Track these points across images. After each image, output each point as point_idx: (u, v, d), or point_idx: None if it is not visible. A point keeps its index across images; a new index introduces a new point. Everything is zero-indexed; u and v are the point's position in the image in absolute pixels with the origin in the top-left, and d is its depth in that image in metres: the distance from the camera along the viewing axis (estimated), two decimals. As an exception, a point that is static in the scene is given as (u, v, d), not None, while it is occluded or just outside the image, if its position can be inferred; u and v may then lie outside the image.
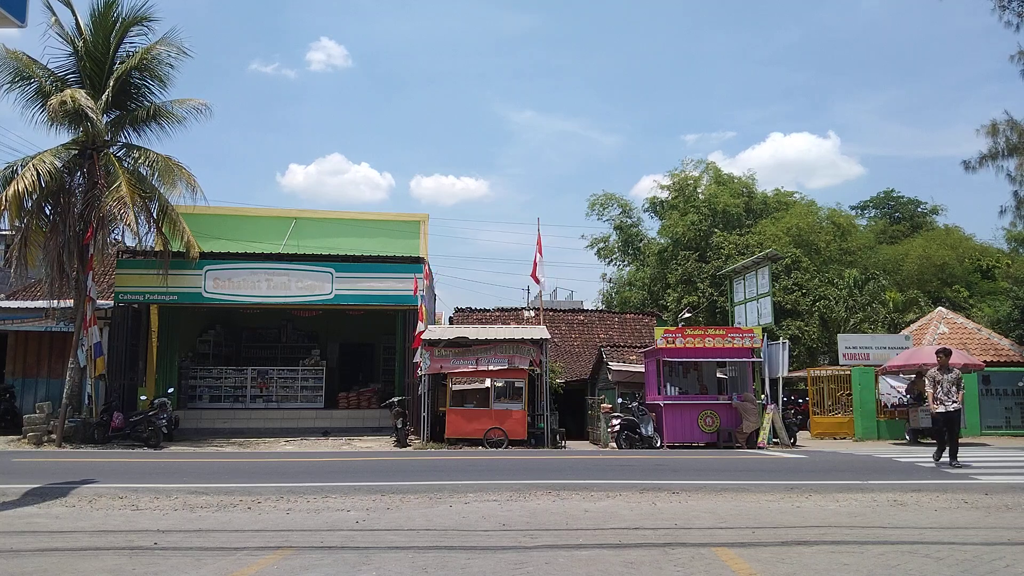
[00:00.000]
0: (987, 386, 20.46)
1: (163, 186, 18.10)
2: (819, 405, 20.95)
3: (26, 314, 20.71)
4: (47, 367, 19.92)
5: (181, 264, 18.92)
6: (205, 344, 23.82)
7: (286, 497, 8.49)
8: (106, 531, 6.63)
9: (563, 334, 29.08)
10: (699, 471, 10.91)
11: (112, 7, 17.88)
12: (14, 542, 6.03)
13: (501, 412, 17.44)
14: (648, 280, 38.64)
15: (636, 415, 17.35)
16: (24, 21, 7.55)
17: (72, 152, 17.94)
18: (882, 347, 20.78)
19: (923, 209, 46.55)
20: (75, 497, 8.44)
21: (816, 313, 31.44)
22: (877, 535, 6.44)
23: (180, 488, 8.97)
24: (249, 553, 5.66)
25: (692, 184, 39.15)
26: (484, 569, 5.06)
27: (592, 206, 41.85)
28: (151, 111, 18.53)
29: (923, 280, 36.41)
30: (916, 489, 9.09)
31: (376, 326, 23.83)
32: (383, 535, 6.46)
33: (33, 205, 17.29)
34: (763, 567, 5.06)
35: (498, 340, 18.08)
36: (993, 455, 14.25)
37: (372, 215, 24.99)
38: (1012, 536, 6.32)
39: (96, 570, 5.08)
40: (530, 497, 8.55)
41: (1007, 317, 25.06)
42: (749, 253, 29.98)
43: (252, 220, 23.31)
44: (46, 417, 16.76)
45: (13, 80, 17.62)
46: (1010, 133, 21.79)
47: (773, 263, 22.93)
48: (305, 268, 19.79)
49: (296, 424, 20.96)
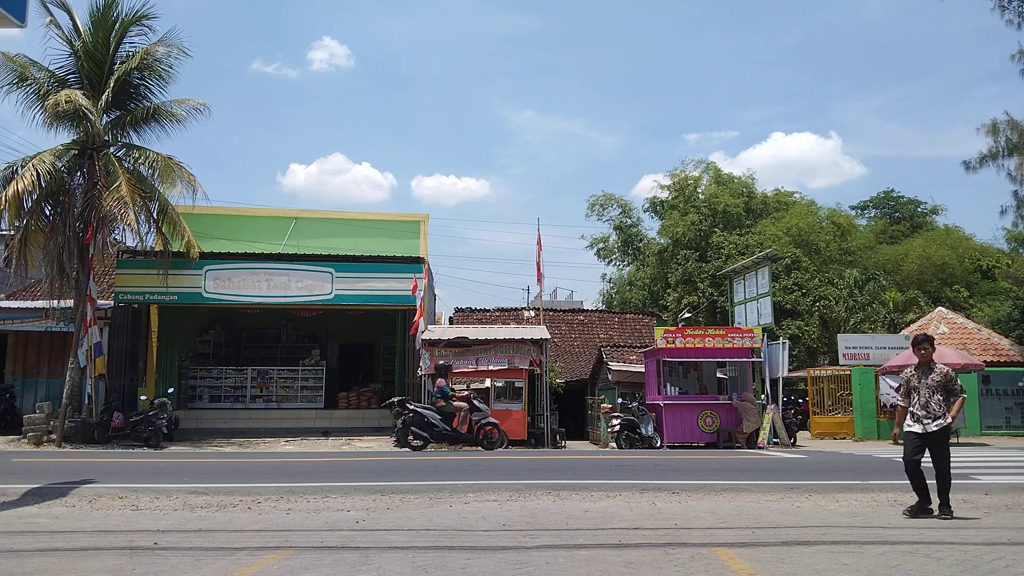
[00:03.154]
0: (987, 386, 20.47)
1: (163, 186, 18.09)
2: (819, 405, 20.96)
3: (26, 314, 20.71)
4: (47, 367, 19.90)
5: (181, 264, 18.91)
6: (205, 344, 23.81)
7: (286, 497, 8.49)
8: (106, 531, 6.63)
9: (563, 334, 29.08)
10: (699, 471, 10.90)
11: (111, 7, 17.85)
12: (14, 542, 6.03)
13: (501, 412, 17.43)
14: (648, 280, 38.67)
15: (636, 415, 17.36)
16: (24, 21, 7.55)
17: (72, 152, 17.93)
18: (882, 347, 20.80)
19: (923, 209, 46.58)
20: (75, 497, 8.43)
21: (816, 313, 31.45)
22: (877, 535, 6.44)
23: (180, 488, 8.96)
24: (249, 553, 5.65)
25: (692, 184, 39.19)
26: (484, 569, 5.06)
27: (592, 207, 41.92)
28: (151, 111, 18.51)
29: (923, 280, 36.41)
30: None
31: (376, 326, 23.83)
32: (383, 535, 6.46)
33: (33, 205, 17.30)
34: (763, 567, 5.06)
35: (498, 340, 18.10)
36: (993, 455, 14.26)
37: (372, 215, 25.00)
38: (1012, 536, 6.31)
39: (96, 570, 5.08)
40: (530, 497, 8.54)
41: (1007, 317, 25.09)
42: (749, 253, 29.99)
43: (252, 220, 23.30)
44: (46, 417, 16.75)
45: (12, 82, 17.61)
46: (1010, 133, 21.82)
47: (773, 263, 22.94)
48: (305, 268, 19.78)
49: (296, 424, 20.96)
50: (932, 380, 7.45)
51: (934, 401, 7.40)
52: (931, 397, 7.41)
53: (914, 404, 7.53)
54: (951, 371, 7.50)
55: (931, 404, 7.41)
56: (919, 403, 7.49)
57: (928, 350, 7.57)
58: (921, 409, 7.46)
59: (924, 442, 7.40)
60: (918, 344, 7.59)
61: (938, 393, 7.40)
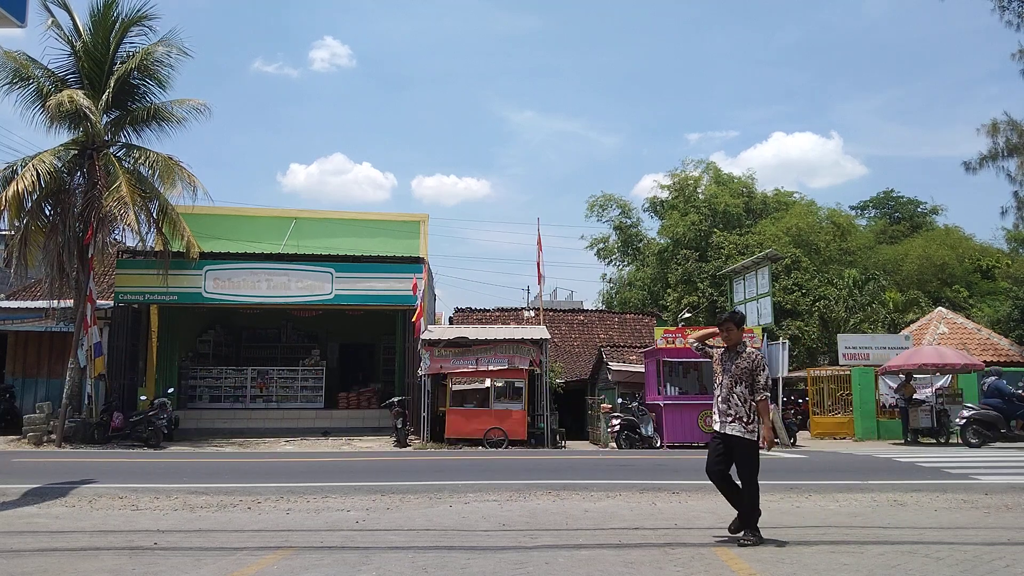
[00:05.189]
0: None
1: (163, 186, 18.10)
2: (819, 405, 20.95)
3: (26, 314, 20.72)
4: (47, 367, 19.90)
5: (181, 264, 18.92)
6: (205, 344, 23.83)
7: (286, 497, 8.49)
8: (106, 531, 6.63)
9: (563, 334, 29.07)
10: (699, 471, 10.79)
11: (112, 7, 17.87)
12: (14, 542, 6.03)
13: (501, 412, 17.45)
14: (648, 280, 38.66)
15: (636, 415, 17.35)
16: (24, 21, 7.56)
17: (72, 152, 17.94)
18: (882, 347, 20.77)
19: (923, 209, 46.56)
20: (75, 497, 8.44)
21: (816, 313, 31.44)
22: (877, 535, 6.44)
23: (180, 488, 8.97)
24: (249, 553, 5.65)
25: (692, 184, 39.19)
26: (484, 569, 5.06)
27: (591, 207, 41.89)
28: (151, 111, 18.52)
29: (923, 280, 36.40)
30: (916, 489, 9.09)
31: (376, 326, 23.83)
32: (383, 535, 6.46)
33: (33, 205, 17.31)
34: (763, 567, 5.06)
35: (498, 340, 18.09)
36: (993, 455, 14.25)
37: (372, 215, 25.01)
38: (1012, 536, 6.31)
39: (96, 570, 5.08)
40: (530, 497, 8.55)
41: (1007, 317, 25.07)
42: (749, 253, 29.99)
43: (252, 220, 23.31)
44: (46, 417, 16.76)
45: (12, 81, 17.61)
46: (1010, 133, 21.84)
47: (773, 263, 22.94)
48: (305, 268, 19.79)
49: (296, 424, 20.97)
50: (737, 367, 6.01)
51: (736, 394, 5.97)
52: (733, 388, 5.98)
53: (718, 398, 6.14)
54: (761, 358, 6.08)
55: (733, 398, 5.98)
56: (720, 395, 6.10)
57: (733, 331, 6.12)
58: (722, 403, 6.06)
59: (726, 446, 5.99)
60: (722, 324, 6.22)
61: (742, 384, 5.97)
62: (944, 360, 17.53)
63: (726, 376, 6.06)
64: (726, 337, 6.16)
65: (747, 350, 6.06)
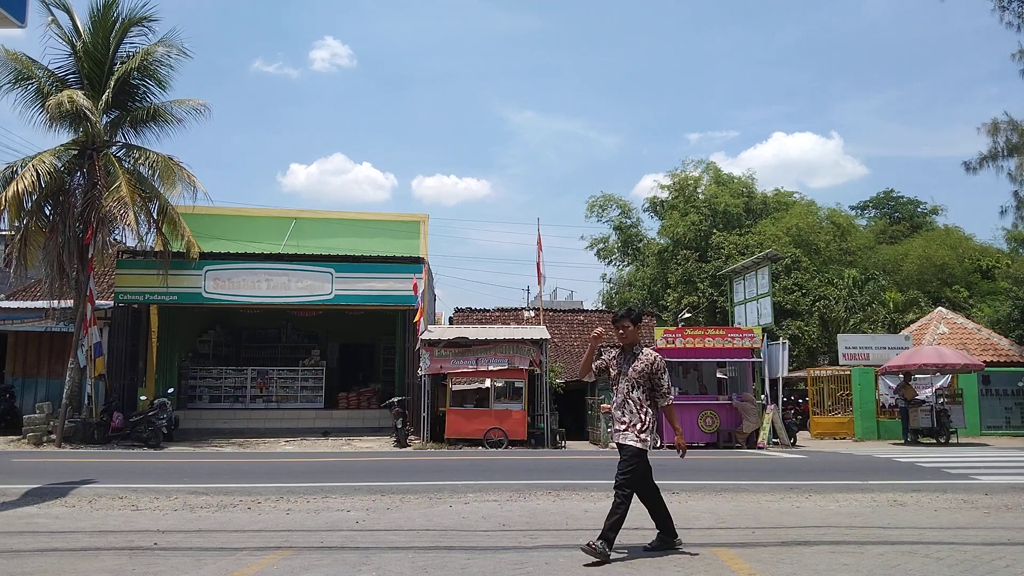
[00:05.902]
0: (987, 386, 20.47)
1: (163, 186, 18.09)
2: (819, 405, 20.96)
3: (26, 314, 20.71)
4: (47, 367, 19.90)
5: (181, 264, 18.91)
6: (205, 344, 23.82)
7: (286, 497, 8.49)
8: (106, 531, 6.63)
9: (563, 334, 29.04)
10: (699, 471, 10.89)
11: (112, 7, 17.86)
12: (14, 542, 6.03)
13: (501, 412, 17.45)
14: (648, 280, 38.64)
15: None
16: (24, 21, 7.55)
17: (72, 152, 17.93)
18: (882, 347, 20.81)
19: (923, 209, 46.56)
20: (75, 497, 8.44)
21: (816, 313, 31.44)
22: (877, 535, 6.44)
23: (180, 488, 8.97)
24: (249, 553, 5.65)
25: (692, 184, 39.17)
26: (484, 569, 5.06)
27: (591, 208, 41.85)
28: (151, 111, 18.51)
29: (923, 280, 36.40)
30: (916, 489, 9.09)
31: (376, 326, 23.83)
32: (383, 535, 6.46)
33: (33, 205, 17.29)
34: (763, 567, 5.06)
35: (498, 340, 18.09)
36: (993, 455, 14.26)
37: (372, 215, 24.99)
38: (1012, 536, 6.31)
39: (96, 570, 5.08)
40: (530, 497, 8.55)
41: (1007, 317, 25.07)
42: (749, 253, 29.99)
43: (252, 220, 23.30)
44: (46, 417, 16.76)
45: (12, 81, 17.61)
46: (1010, 133, 21.84)
47: (773, 263, 22.94)
48: (305, 268, 19.79)
49: (296, 424, 20.96)
50: (633, 370, 5.49)
51: (633, 400, 5.46)
52: (629, 394, 5.48)
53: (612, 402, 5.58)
54: (660, 359, 5.57)
55: (629, 404, 5.47)
56: (615, 401, 5.56)
57: (629, 329, 5.56)
58: (617, 410, 5.53)
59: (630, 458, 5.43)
60: (617, 321, 5.64)
61: (639, 389, 5.47)
62: (944, 360, 17.54)
63: (622, 380, 5.50)
64: (622, 336, 5.60)
65: (643, 351, 5.57)
